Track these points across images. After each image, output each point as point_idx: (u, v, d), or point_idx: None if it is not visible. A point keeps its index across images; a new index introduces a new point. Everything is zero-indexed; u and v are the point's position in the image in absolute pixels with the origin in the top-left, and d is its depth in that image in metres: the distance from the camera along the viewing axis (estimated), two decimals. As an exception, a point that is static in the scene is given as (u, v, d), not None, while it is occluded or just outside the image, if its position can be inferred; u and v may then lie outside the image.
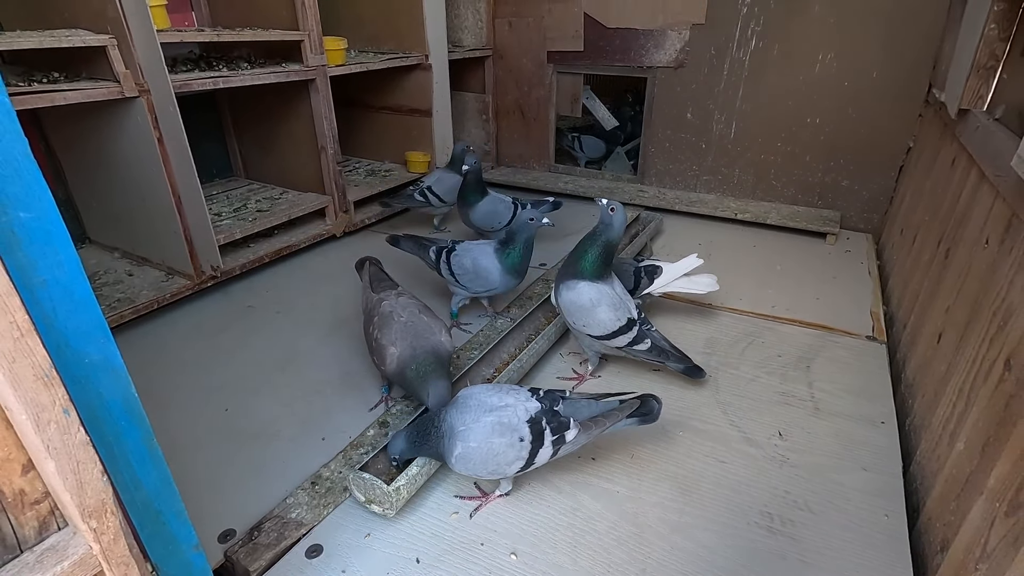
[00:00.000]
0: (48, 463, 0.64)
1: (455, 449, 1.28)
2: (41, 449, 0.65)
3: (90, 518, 0.70)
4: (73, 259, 0.68)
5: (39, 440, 0.62)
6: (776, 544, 1.29)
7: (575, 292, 1.72)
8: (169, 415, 1.71)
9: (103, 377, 0.74)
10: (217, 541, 1.31)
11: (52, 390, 0.62)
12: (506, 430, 1.29)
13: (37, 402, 0.61)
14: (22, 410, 0.60)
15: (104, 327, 0.73)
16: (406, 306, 1.68)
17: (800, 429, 1.64)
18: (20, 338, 0.58)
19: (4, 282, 0.56)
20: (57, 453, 0.64)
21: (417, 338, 1.58)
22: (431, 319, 1.66)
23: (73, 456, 0.66)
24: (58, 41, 1.72)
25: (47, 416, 0.62)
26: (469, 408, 1.33)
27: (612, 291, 1.73)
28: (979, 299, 1.38)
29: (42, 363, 0.61)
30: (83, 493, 0.68)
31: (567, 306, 1.75)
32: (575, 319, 1.75)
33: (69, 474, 0.66)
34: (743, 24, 2.98)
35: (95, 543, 0.71)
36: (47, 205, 0.65)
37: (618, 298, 1.73)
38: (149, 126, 1.97)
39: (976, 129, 1.71)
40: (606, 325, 1.71)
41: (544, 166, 3.95)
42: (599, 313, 1.70)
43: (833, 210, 3.12)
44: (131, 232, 2.41)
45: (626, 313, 1.73)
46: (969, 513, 1.09)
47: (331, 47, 2.64)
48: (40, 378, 0.61)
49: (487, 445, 1.28)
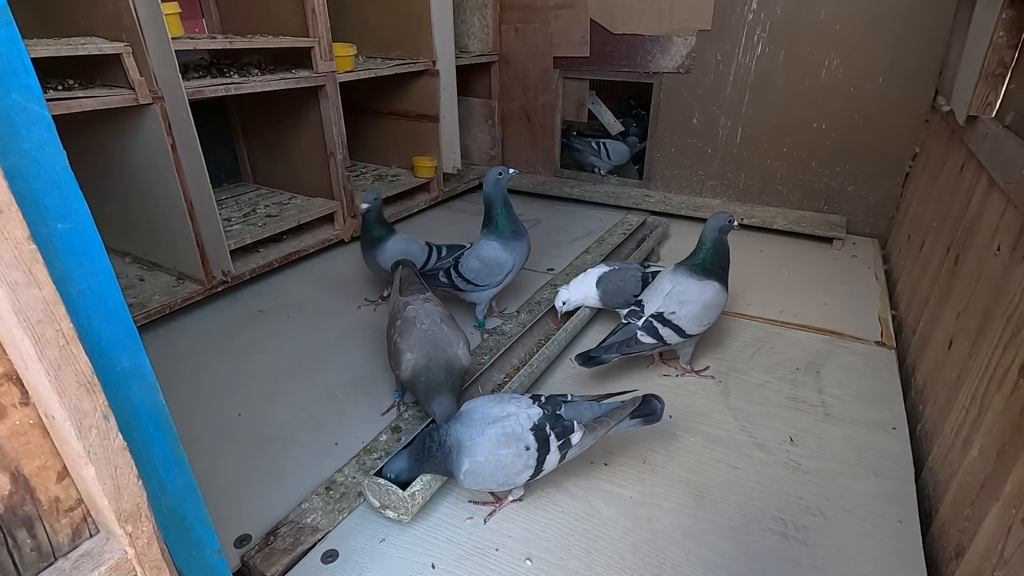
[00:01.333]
0: (88, 469, 0.65)
1: (463, 465, 1.28)
2: (81, 455, 0.66)
3: (126, 523, 0.71)
4: (107, 269, 0.70)
5: (80, 446, 0.63)
6: (790, 550, 1.30)
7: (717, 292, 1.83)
8: (182, 420, 1.69)
9: (134, 384, 0.76)
10: (233, 546, 1.32)
11: (94, 396, 0.63)
12: (511, 440, 1.29)
13: (80, 408, 0.62)
14: (66, 417, 0.61)
15: (135, 335, 0.74)
16: (430, 313, 1.67)
17: (811, 435, 1.64)
18: (65, 346, 0.59)
19: (50, 291, 0.57)
20: (97, 458, 0.65)
21: (435, 348, 1.57)
22: (452, 330, 1.65)
23: (112, 461, 0.67)
24: (74, 49, 1.74)
25: (88, 422, 0.63)
26: (473, 421, 1.33)
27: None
28: (991, 306, 1.38)
29: (84, 370, 0.62)
30: (120, 498, 0.69)
31: (708, 306, 1.81)
32: (711, 319, 1.84)
33: (108, 479, 0.67)
34: (749, 30, 3.00)
35: (130, 548, 0.72)
36: (84, 216, 0.66)
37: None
38: (163, 132, 1.99)
39: (985, 136, 1.72)
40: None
41: (550, 171, 3.97)
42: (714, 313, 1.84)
43: (839, 215, 3.13)
44: (142, 237, 2.42)
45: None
46: (985, 519, 1.09)
47: (340, 53, 2.65)
48: (83, 385, 0.62)
49: (494, 458, 1.28)
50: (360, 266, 2.42)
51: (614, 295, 2.04)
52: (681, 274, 1.83)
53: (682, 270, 1.85)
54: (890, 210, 3.02)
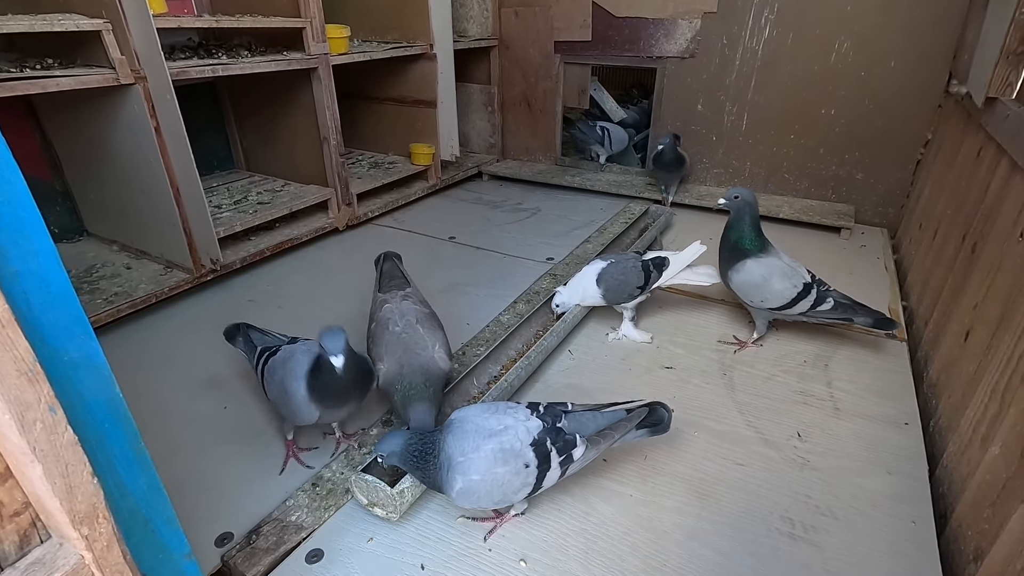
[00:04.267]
0: (34, 467, 0.58)
1: (455, 484, 1.16)
2: (26, 452, 0.59)
3: (81, 524, 0.64)
4: (49, 249, 0.63)
5: (24, 442, 0.57)
6: (799, 552, 1.23)
7: (744, 272, 1.82)
8: (166, 413, 1.66)
9: (84, 376, 0.69)
10: (214, 545, 1.26)
11: (37, 386, 0.57)
12: (510, 457, 1.17)
13: (21, 400, 0.56)
14: (5, 409, 0.54)
15: (84, 322, 0.68)
16: (405, 313, 1.55)
17: (820, 430, 1.57)
18: (1, 329, 0.52)
19: (-21, 269, 0.50)
20: (44, 455, 0.59)
21: (407, 353, 1.44)
22: (429, 332, 1.51)
23: (61, 458, 0.60)
24: (50, 25, 1.66)
25: (32, 415, 0.57)
26: (466, 434, 1.19)
27: (780, 261, 1.82)
28: (1013, 295, 1.31)
29: (25, 357, 0.55)
30: (73, 498, 0.63)
31: (741, 287, 1.85)
32: (752, 298, 1.84)
33: (57, 478, 0.61)
34: (756, 12, 2.90)
35: (87, 551, 0.66)
36: (19, 189, 0.59)
37: (787, 267, 1.81)
38: (146, 115, 1.91)
39: (1006, 118, 1.63)
40: (784, 295, 1.79)
41: (550, 159, 3.88)
42: (774, 284, 1.79)
43: (847, 204, 3.05)
44: (129, 224, 2.35)
45: (801, 279, 1.80)
46: (1008, 522, 1.02)
47: (334, 35, 2.57)
48: (23, 374, 0.55)
49: (490, 476, 1.16)
50: (353, 255, 2.36)
51: (617, 291, 1.91)
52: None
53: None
54: (900, 198, 2.93)
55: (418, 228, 2.98)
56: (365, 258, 2.62)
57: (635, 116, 4.04)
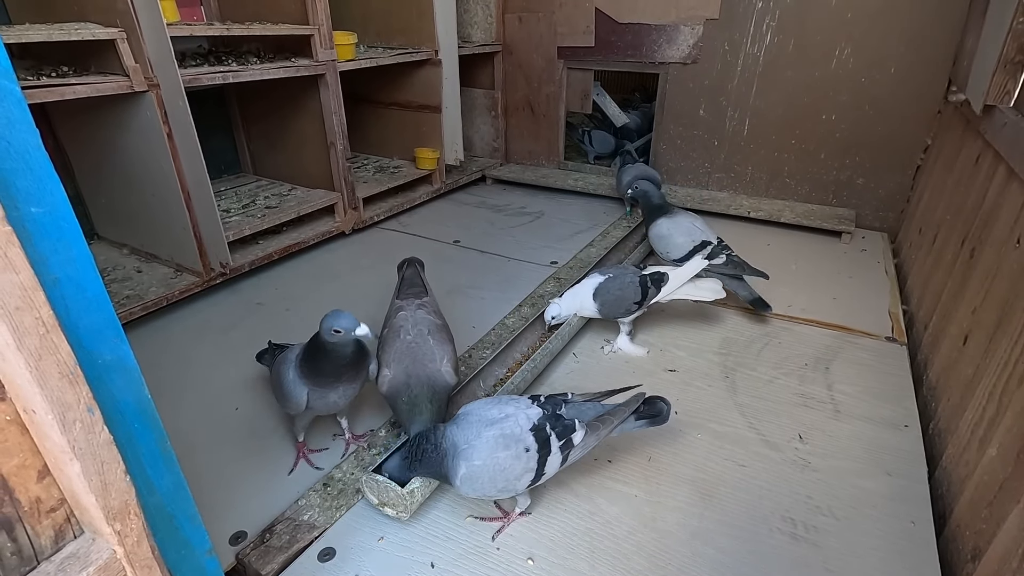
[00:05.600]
0: (73, 465, 0.61)
1: (459, 470, 1.20)
2: (66, 450, 0.62)
3: (114, 520, 0.67)
4: (86, 256, 0.66)
5: (64, 441, 0.60)
6: (800, 551, 1.26)
7: (655, 226, 2.30)
8: (178, 414, 1.69)
9: (116, 378, 0.72)
10: (228, 543, 1.29)
11: (77, 388, 0.60)
12: (510, 441, 1.22)
13: (63, 401, 0.59)
14: (48, 410, 0.57)
15: (117, 326, 0.71)
16: (418, 323, 1.56)
17: (820, 432, 1.60)
18: (46, 334, 0.56)
19: (28, 276, 0.53)
20: (82, 453, 0.62)
21: (415, 363, 1.45)
22: (438, 344, 1.52)
23: (97, 456, 0.64)
24: (67, 34, 1.70)
25: (72, 415, 0.60)
26: (469, 424, 1.25)
27: (685, 222, 2.25)
28: (1010, 300, 1.34)
29: (67, 360, 0.59)
30: (107, 494, 0.66)
31: (654, 239, 2.31)
32: (660, 247, 2.29)
33: (94, 475, 0.64)
34: (758, 19, 2.93)
35: (119, 546, 0.69)
36: (59, 200, 0.63)
37: (689, 226, 2.23)
38: (158, 121, 1.95)
39: (1004, 126, 1.66)
40: (682, 247, 2.19)
41: (554, 163, 3.91)
42: (675, 239, 2.21)
43: (848, 208, 3.07)
44: (140, 228, 2.39)
45: (700, 236, 2.20)
46: (1005, 522, 1.05)
47: (341, 42, 2.61)
48: (65, 376, 0.59)
49: (492, 461, 1.20)
50: (360, 258, 2.39)
51: (613, 306, 1.90)
52: None
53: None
54: (900, 203, 2.96)
55: (423, 232, 3.02)
56: (371, 261, 2.67)
57: (637, 120, 4.08)
